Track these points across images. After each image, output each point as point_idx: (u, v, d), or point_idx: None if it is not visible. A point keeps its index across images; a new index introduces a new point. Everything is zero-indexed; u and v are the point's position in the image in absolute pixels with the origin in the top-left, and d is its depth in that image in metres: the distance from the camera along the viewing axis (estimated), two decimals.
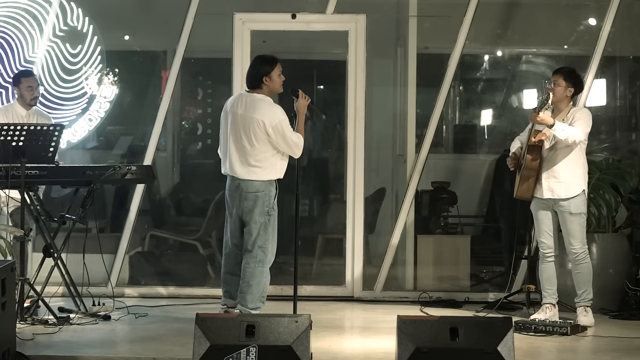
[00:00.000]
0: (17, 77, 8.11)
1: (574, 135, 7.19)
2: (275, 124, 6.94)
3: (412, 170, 8.88)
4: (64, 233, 7.72)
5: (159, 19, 9.40)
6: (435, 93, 8.91)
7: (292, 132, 7.01)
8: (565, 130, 7.16)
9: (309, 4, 9.00)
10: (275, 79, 7.08)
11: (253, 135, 6.97)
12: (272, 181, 7.08)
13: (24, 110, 8.03)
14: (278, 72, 7.09)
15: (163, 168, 10.15)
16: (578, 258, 7.41)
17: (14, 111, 8.01)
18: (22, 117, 7.96)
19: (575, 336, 7.03)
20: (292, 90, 7.12)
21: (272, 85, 7.08)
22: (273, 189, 7.08)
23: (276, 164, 7.06)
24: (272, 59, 7.15)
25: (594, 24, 9.16)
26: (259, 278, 7.06)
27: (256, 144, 6.98)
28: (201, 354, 5.39)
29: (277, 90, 7.14)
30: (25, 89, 7.99)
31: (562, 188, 7.34)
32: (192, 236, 9.46)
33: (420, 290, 8.60)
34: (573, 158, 7.33)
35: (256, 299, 7.05)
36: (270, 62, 7.10)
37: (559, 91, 7.35)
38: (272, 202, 7.06)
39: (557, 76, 7.41)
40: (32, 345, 6.40)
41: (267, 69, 7.05)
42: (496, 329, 5.45)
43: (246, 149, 7.01)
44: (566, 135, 7.16)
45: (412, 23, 9.04)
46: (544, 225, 7.47)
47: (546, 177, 7.35)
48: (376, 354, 6.44)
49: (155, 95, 9.46)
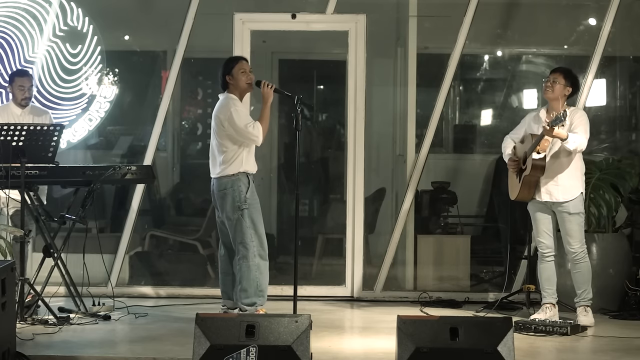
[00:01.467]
0: (12, 76, 8.13)
1: (582, 145, 7.23)
2: (227, 116, 7.14)
3: (412, 170, 8.88)
4: (64, 233, 7.72)
5: (159, 19, 9.40)
6: (435, 93, 8.91)
7: (245, 122, 7.13)
8: (576, 142, 7.17)
9: (309, 4, 9.00)
10: (238, 76, 7.25)
11: (216, 132, 7.23)
12: (240, 175, 7.18)
13: (18, 109, 8.02)
14: (241, 69, 7.26)
15: (163, 168, 10.15)
16: (577, 258, 7.41)
17: (10, 111, 8.02)
18: (17, 116, 7.95)
19: (575, 336, 7.02)
20: (256, 82, 7.28)
21: (236, 83, 7.27)
22: (242, 184, 7.19)
23: (241, 158, 7.18)
24: (234, 58, 7.45)
25: (594, 24, 9.16)
26: (247, 273, 7.16)
27: (220, 139, 7.20)
28: (201, 354, 5.39)
29: (243, 86, 7.28)
30: (17, 89, 7.99)
31: (561, 192, 7.34)
32: (192, 236, 9.46)
33: (420, 290, 8.60)
34: (572, 162, 7.34)
35: (251, 294, 7.15)
36: (232, 61, 7.36)
37: (558, 89, 7.35)
38: (243, 196, 7.16)
39: (557, 74, 7.40)
40: (32, 345, 6.39)
41: (228, 68, 7.28)
42: (496, 329, 5.45)
43: (214, 148, 7.30)
44: (575, 146, 7.18)
45: (412, 23, 9.04)
46: (542, 226, 7.47)
47: (545, 181, 7.34)
48: (376, 354, 6.44)
49: (155, 95, 9.46)
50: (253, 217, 7.21)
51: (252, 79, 7.30)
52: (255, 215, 7.23)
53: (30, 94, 8.08)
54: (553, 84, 7.36)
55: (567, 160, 7.31)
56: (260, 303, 7.20)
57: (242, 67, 7.28)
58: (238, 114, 7.16)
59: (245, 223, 7.18)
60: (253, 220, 7.21)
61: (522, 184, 7.37)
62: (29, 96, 8.04)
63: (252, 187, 7.25)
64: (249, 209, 7.19)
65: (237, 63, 7.31)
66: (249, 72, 7.32)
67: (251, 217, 7.19)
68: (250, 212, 7.19)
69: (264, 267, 7.26)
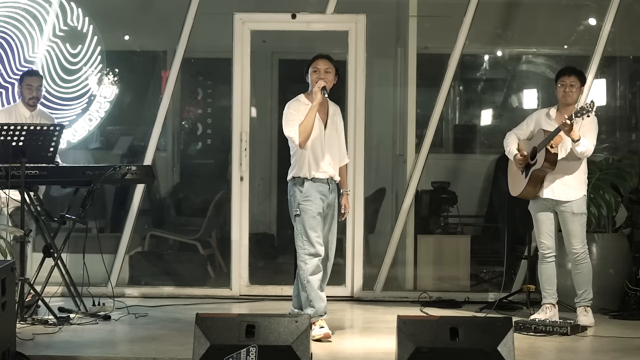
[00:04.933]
0: (22, 75, 8.12)
1: (589, 151, 7.26)
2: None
3: (412, 170, 8.88)
4: (64, 233, 7.72)
5: (159, 19, 9.39)
6: (435, 93, 8.91)
7: (287, 124, 6.88)
8: (585, 146, 7.18)
9: (309, 4, 9.00)
10: (311, 75, 6.92)
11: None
12: (296, 180, 6.90)
13: (27, 111, 8.01)
14: (314, 69, 6.92)
15: (163, 168, 10.15)
16: (578, 258, 7.41)
17: (18, 112, 8.01)
18: (25, 118, 7.95)
19: (575, 336, 7.02)
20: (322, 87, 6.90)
21: (311, 83, 6.95)
22: (297, 189, 6.89)
23: (301, 161, 6.89)
24: (315, 56, 7.01)
25: (594, 24, 9.16)
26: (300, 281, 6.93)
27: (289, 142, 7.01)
28: (201, 354, 5.39)
29: (313, 86, 6.91)
30: (25, 88, 7.99)
31: (565, 191, 7.34)
32: (192, 236, 9.46)
33: (420, 290, 8.60)
34: (578, 164, 7.34)
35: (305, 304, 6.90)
36: (312, 59, 6.98)
37: (577, 92, 7.37)
38: (295, 202, 6.87)
39: (573, 78, 7.36)
40: (32, 345, 6.39)
41: (307, 66, 6.96)
42: (496, 329, 5.45)
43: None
44: (583, 150, 7.19)
45: (412, 23, 9.04)
46: (544, 226, 7.46)
47: (552, 178, 7.34)
48: (376, 354, 6.44)
49: (155, 95, 9.46)
50: (305, 224, 6.85)
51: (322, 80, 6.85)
52: (310, 223, 6.84)
53: (39, 94, 8.06)
54: (572, 88, 7.35)
55: (577, 162, 7.32)
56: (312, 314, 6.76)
57: (315, 66, 6.92)
58: (285, 116, 6.92)
59: (297, 229, 6.89)
60: (305, 227, 6.84)
61: (530, 178, 7.35)
62: (36, 96, 8.03)
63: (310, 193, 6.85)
64: (300, 215, 6.86)
65: (313, 61, 6.95)
66: (325, 71, 6.90)
67: (303, 223, 6.85)
68: (302, 219, 6.84)
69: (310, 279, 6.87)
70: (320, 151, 6.92)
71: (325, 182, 6.93)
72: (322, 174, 6.91)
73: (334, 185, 7.02)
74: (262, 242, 9.87)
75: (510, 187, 7.62)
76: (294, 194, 6.91)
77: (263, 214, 10.31)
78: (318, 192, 6.89)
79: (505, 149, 7.59)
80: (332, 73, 6.93)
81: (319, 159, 6.90)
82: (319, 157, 6.91)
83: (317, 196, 6.88)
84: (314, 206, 6.86)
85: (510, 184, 7.62)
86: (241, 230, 8.74)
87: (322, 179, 6.91)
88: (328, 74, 6.90)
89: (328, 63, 6.93)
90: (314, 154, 6.90)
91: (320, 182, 6.91)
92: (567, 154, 7.28)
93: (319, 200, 6.89)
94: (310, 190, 6.87)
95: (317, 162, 6.90)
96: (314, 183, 6.89)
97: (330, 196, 6.96)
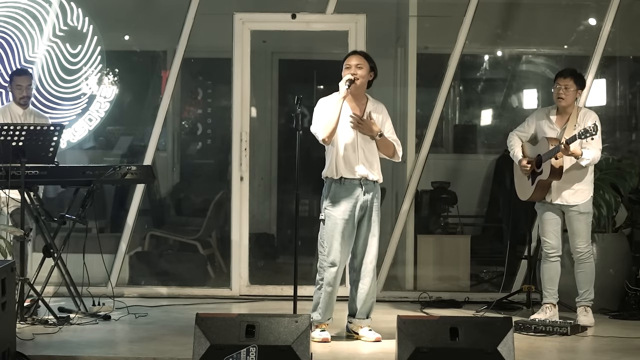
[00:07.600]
0: (11, 75, 8.13)
1: (595, 160, 7.26)
2: None
3: (412, 170, 8.88)
4: (64, 233, 7.72)
5: (159, 19, 9.39)
6: (435, 93, 8.91)
7: (313, 121, 6.68)
8: (589, 159, 7.18)
9: (309, 4, 9.00)
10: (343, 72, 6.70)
11: None
12: (326, 180, 6.68)
13: (20, 109, 8.02)
14: (346, 65, 6.72)
15: (163, 168, 10.15)
16: (582, 257, 7.40)
17: (11, 111, 8.01)
18: (18, 116, 7.95)
19: (575, 336, 7.02)
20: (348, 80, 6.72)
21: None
22: (325, 189, 6.67)
23: (329, 160, 6.66)
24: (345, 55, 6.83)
25: (594, 24, 9.16)
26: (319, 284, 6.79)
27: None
28: (201, 354, 5.39)
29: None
30: (15, 88, 7.99)
31: (573, 196, 7.34)
32: (192, 236, 9.46)
33: (420, 290, 8.60)
34: (585, 170, 7.33)
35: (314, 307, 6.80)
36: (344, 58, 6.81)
37: (571, 95, 7.31)
38: (322, 206, 6.66)
39: (568, 80, 7.32)
40: (32, 345, 6.39)
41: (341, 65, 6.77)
42: (496, 329, 5.45)
43: None
44: (588, 163, 7.21)
45: (412, 23, 9.04)
46: (550, 226, 7.44)
47: (559, 187, 7.32)
48: (376, 354, 6.44)
49: (155, 95, 9.46)
50: (327, 230, 6.62)
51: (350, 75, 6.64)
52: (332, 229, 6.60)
53: (29, 93, 8.05)
54: (566, 91, 7.32)
55: (584, 170, 7.31)
56: (315, 318, 6.69)
57: (348, 62, 6.71)
58: (315, 112, 6.71)
59: (320, 233, 6.69)
60: (327, 234, 6.63)
61: (537, 187, 7.34)
62: (27, 95, 8.02)
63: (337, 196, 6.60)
64: (325, 220, 6.64)
65: (346, 58, 6.76)
66: (356, 67, 6.69)
67: (326, 229, 6.63)
68: (325, 225, 6.62)
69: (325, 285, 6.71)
70: (352, 149, 6.63)
71: (357, 182, 6.63)
72: (352, 174, 6.62)
73: (371, 185, 6.68)
74: (262, 242, 9.87)
75: (518, 191, 7.61)
76: (323, 195, 6.69)
77: (263, 214, 10.30)
78: (347, 195, 6.61)
79: (509, 151, 7.58)
80: (364, 69, 6.70)
81: (350, 157, 6.62)
82: (350, 155, 6.63)
83: (345, 200, 6.61)
84: (339, 212, 6.59)
85: (518, 188, 7.61)
86: (241, 230, 8.74)
87: (352, 179, 6.63)
88: (360, 70, 6.68)
89: (361, 59, 6.73)
90: (345, 152, 6.61)
91: (351, 183, 6.64)
92: (573, 163, 7.27)
93: (347, 204, 6.60)
94: (337, 194, 6.61)
95: (347, 161, 6.62)
96: (342, 185, 6.62)
97: (363, 198, 6.62)
